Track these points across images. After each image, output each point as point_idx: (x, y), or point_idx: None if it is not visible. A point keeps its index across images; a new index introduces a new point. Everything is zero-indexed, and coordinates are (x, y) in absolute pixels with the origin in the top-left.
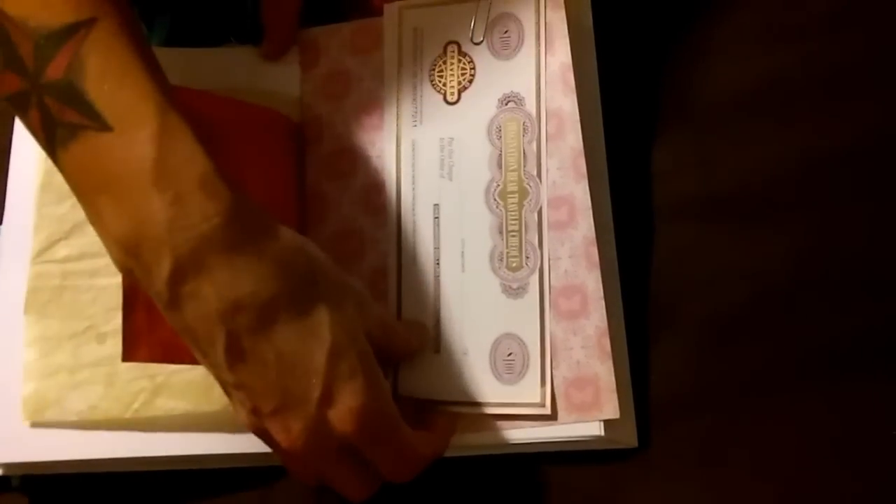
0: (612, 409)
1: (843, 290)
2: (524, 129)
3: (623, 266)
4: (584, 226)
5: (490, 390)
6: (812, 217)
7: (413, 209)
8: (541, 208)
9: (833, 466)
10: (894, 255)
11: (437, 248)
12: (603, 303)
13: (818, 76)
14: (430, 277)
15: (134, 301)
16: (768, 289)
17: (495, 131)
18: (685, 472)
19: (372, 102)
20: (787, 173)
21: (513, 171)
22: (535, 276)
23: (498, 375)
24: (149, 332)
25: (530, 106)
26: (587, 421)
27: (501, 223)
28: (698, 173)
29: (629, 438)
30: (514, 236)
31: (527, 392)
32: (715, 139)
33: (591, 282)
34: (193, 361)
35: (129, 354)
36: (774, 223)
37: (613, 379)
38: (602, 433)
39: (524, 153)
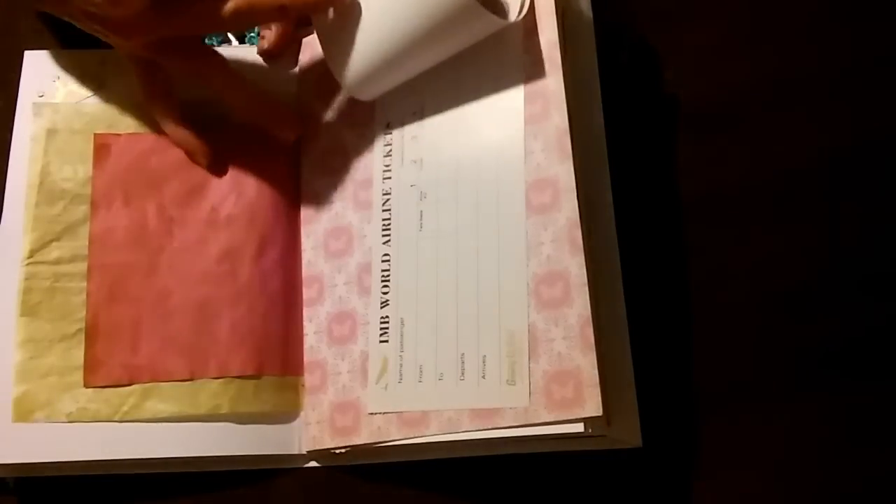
0: (594, 406)
1: (846, 291)
2: None
3: (626, 266)
4: (569, 208)
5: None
6: (815, 216)
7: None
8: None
9: (836, 466)
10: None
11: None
12: (586, 289)
13: (820, 76)
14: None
15: (95, 332)
16: (771, 289)
17: None
18: (687, 471)
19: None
20: (790, 173)
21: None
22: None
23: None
24: (109, 358)
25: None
26: (568, 419)
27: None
28: (702, 173)
29: (633, 438)
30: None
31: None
32: (719, 139)
33: (575, 267)
34: (151, 380)
35: (90, 380)
36: (777, 223)
37: (596, 373)
38: (583, 430)
39: None
